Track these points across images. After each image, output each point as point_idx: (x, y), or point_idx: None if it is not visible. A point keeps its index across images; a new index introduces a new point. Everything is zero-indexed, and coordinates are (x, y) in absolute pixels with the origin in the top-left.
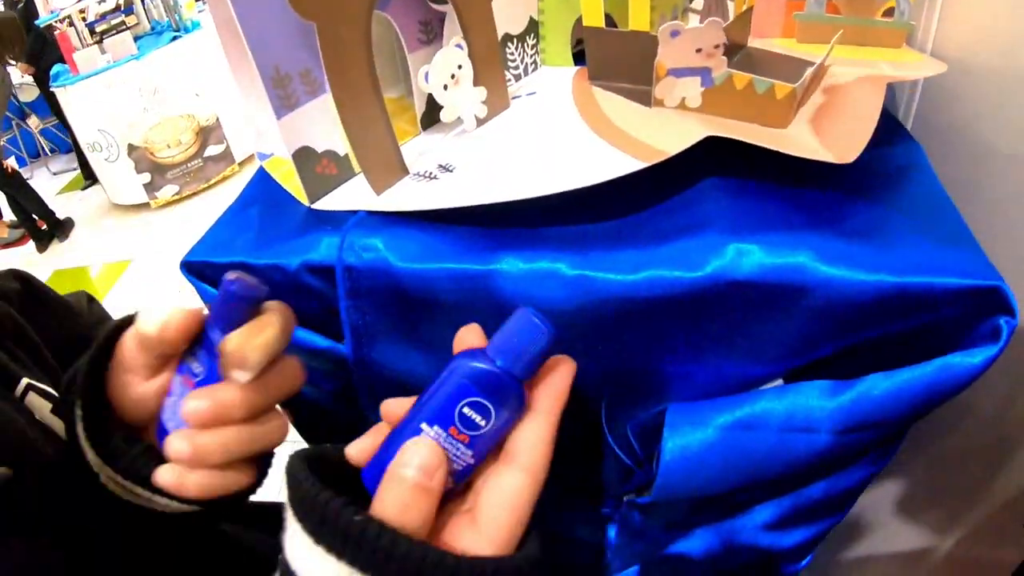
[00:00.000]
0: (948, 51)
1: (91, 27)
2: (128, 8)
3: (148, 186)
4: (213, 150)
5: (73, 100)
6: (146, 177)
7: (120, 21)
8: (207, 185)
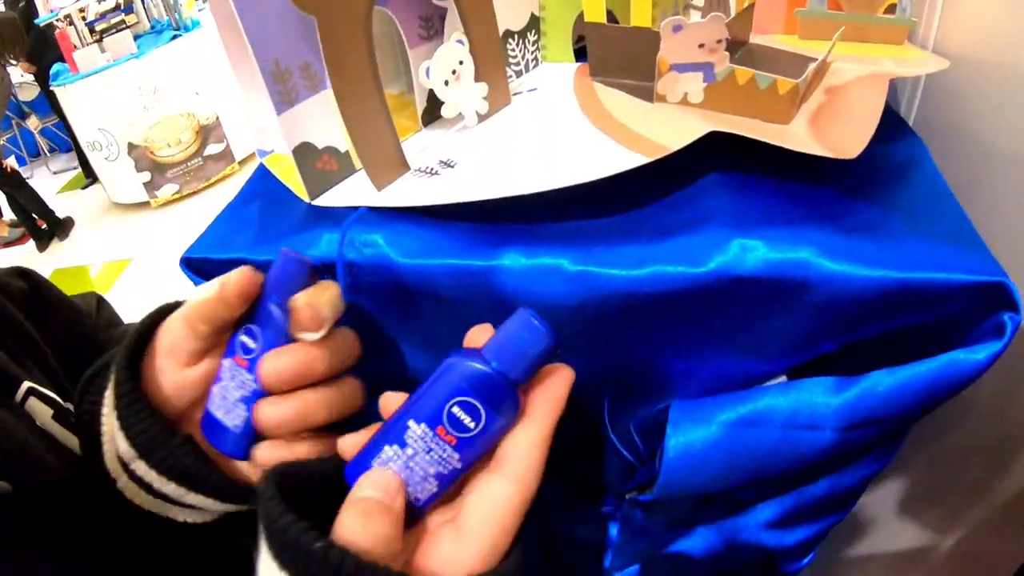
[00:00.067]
0: (950, 48)
1: (91, 26)
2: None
3: (148, 185)
4: (213, 149)
5: (73, 99)
6: (146, 176)
7: (120, 20)
8: (207, 184)
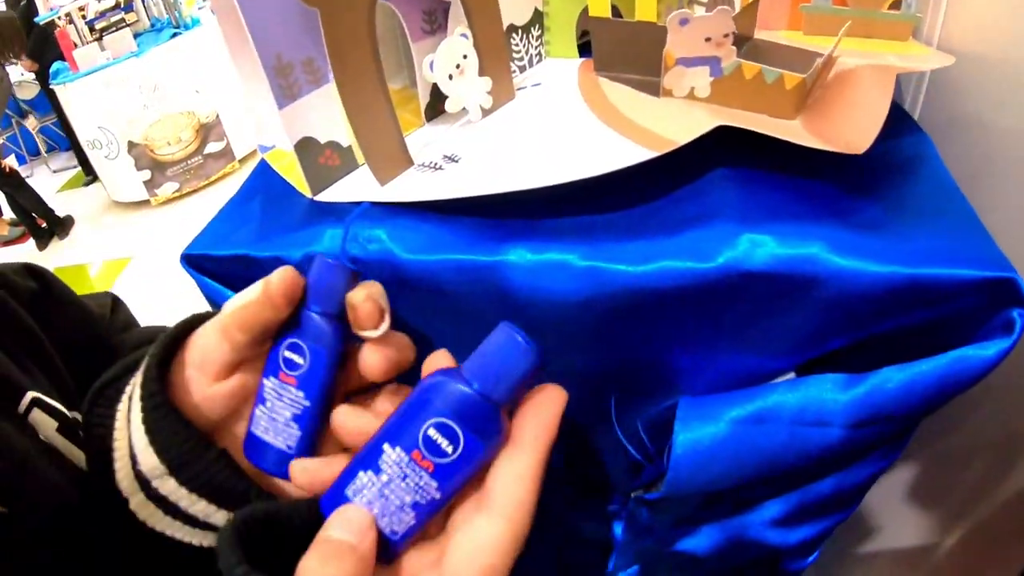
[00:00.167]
0: (954, 44)
1: (91, 24)
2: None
3: (148, 183)
4: (213, 147)
5: (73, 97)
6: (146, 174)
7: (120, 18)
8: (207, 182)
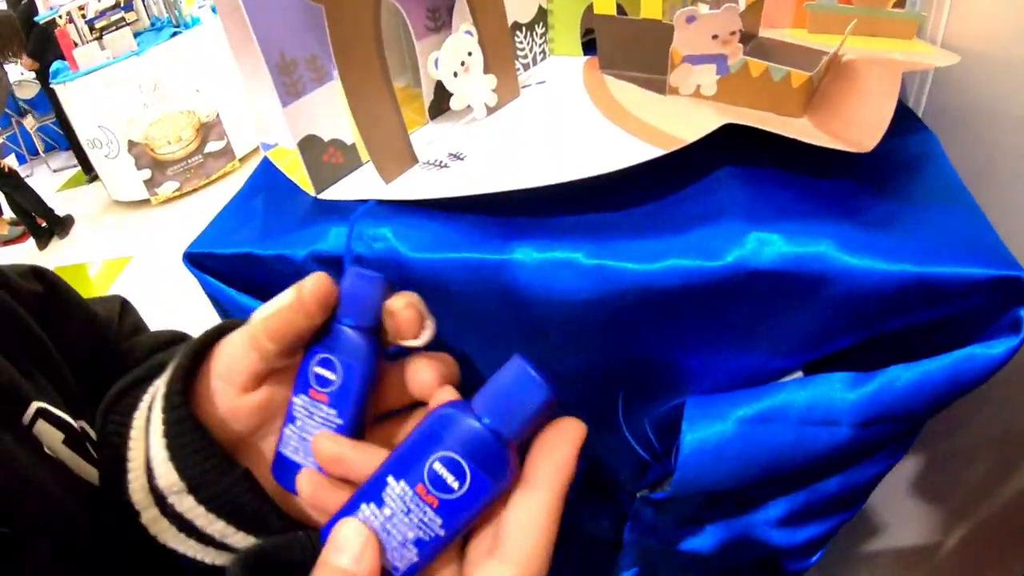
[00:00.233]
0: (958, 43)
1: (91, 23)
2: (128, 4)
3: (148, 182)
4: (214, 146)
5: (73, 97)
6: (146, 173)
7: (120, 17)
8: (208, 181)
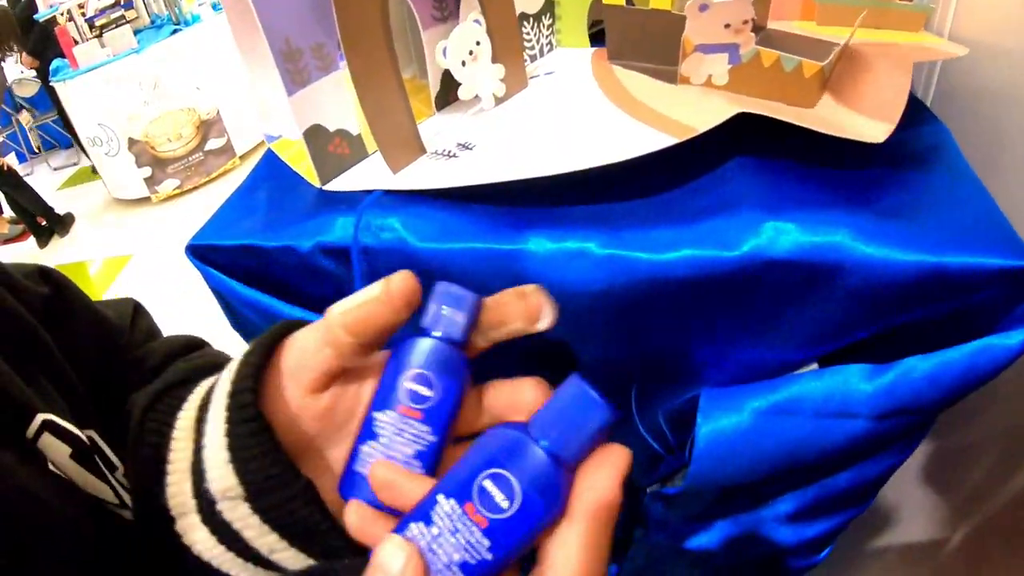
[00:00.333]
0: (965, 35)
1: (90, 21)
2: (128, 2)
3: (149, 180)
4: (214, 144)
5: (73, 94)
6: (147, 171)
7: (120, 15)
8: (208, 179)
